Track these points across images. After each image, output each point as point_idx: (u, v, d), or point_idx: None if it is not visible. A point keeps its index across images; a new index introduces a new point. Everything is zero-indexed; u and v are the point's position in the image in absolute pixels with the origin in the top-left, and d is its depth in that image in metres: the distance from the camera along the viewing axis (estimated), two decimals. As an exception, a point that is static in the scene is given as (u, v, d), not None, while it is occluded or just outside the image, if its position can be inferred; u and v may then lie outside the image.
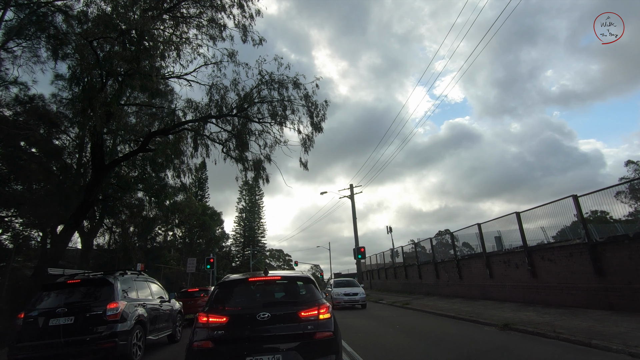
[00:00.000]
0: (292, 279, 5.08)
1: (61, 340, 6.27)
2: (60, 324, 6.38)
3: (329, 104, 14.87)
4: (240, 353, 4.00)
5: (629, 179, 24.82)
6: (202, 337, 4.12)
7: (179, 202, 23.58)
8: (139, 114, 15.26)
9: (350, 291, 17.36)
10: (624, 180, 24.91)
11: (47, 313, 6.52)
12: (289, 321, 4.28)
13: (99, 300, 6.79)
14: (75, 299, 6.86)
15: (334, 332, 4.33)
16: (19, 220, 12.94)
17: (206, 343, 4.07)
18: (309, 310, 4.38)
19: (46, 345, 6.25)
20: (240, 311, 4.42)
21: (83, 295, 7.00)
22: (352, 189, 29.92)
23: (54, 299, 6.86)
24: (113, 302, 6.73)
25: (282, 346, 4.06)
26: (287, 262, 72.83)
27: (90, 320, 6.51)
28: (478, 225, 15.57)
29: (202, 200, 47.78)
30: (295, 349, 4.04)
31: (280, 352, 4.02)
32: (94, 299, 6.87)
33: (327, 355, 4.14)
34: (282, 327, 4.21)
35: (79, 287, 7.17)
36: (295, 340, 4.11)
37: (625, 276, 8.83)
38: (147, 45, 12.67)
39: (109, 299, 6.79)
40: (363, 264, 34.46)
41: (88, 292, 7.08)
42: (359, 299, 16.98)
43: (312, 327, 4.24)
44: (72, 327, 6.36)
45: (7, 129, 11.47)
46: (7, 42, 12.38)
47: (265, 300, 4.78)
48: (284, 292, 5.08)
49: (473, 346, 6.96)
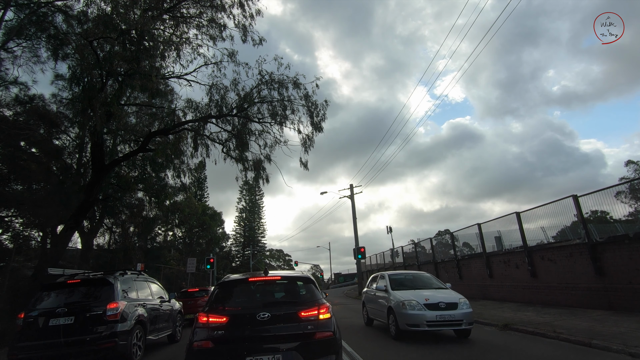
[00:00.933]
0: (292, 279, 5.05)
1: (61, 340, 6.25)
2: (60, 324, 6.38)
3: (329, 104, 14.86)
4: (240, 353, 3.97)
5: (629, 179, 24.81)
6: (202, 337, 4.09)
7: (179, 202, 23.57)
8: (139, 114, 15.26)
9: (437, 298, 7.76)
10: (624, 180, 24.92)
11: (47, 313, 6.51)
12: (289, 321, 4.24)
13: (99, 300, 6.78)
14: (75, 299, 6.85)
15: (334, 332, 4.29)
16: (19, 220, 12.94)
17: (206, 343, 4.05)
18: (309, 310, 4.35)
19: (46, 345, 6.24)
20: (240, 311, 4.39)
21: (83, 295, 6.99)
22: (352, 189, 29.91)
23: (54, 299, 6.85)
24: (113, 302, 6.73)
25: (282, 346, 4.03)
26: (287, 262, 72.82)
27: (90, 320, 6.50)
28: (478, 225, 15.57)
29: (202, 200, 47.78)
30: (295, 349, 4.02)
31: (280, 352, 3.99)
32: (94, 299, 6.86)
33: (328, 355, 4.12)
34: (282, 327, 4.18)
35: (79, 287, 7.16)
36: (296, 340, 4.08)
37: (625, 276, 8.84)
38: (147, 45, 12.67)
39: (109, 299, 6.79)
40: (363, 264, 34.44)
41: (88, 292, 7.08)
42: (459, 317, 7.45)
43: (312, 327, 4.21)
44: (72, 327, 6.35)
45: (7, 129, 11.48)
46: (7, 42, 12.38)
47: (265, 300, 4.73)
48: (284, 292, 5.04)
49: (473, 346, 6.96)
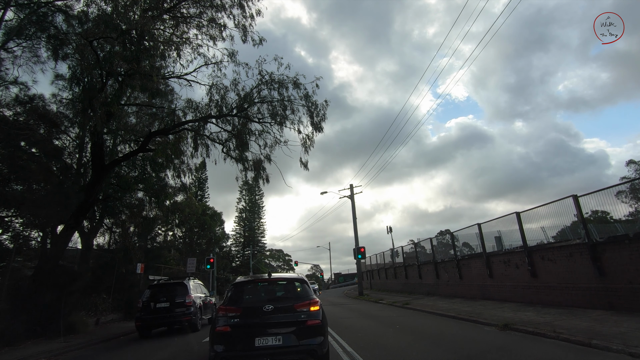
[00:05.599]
0: (290, 280, 6.23)
1: (163, 315, 11.43)
2: (162, 306, 11.51)
3: (329, 104, 14.83)
4: (250, 335, 5.19)
5: (630, 179, 24.79)
6: (222, 324, 5.33)
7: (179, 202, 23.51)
8: (139, 114, 15.23)
9: None
10: (624, 180, 24.90)
11: (154, 300, 11.58)
12: (287, 312, 5.46)
13: (180, 294, 11.78)
14: (168, 293, 11.80)
15: (321, 320, 5.54)
16: (19, 220, 12.89)
17: (225, 328, 5.29)
18: (303, 304, 5.59)
19: (155, 317, 11.41)
20: (250, 304, 5.68)
21: (171, 291, 11.86)
22: (352, 189, 29.91)
23: (155, 293, 11.79)
24: (188, 295, 11.83)
25: (282, 330, 5.26)
26: (287, 262, 72.79)
27: (177, 304, 11.58)
28: (478, 225, 15.55)
29: (202, 200, 47.73)
30: (292, 333, 5.27)
31: (280, 334, 5.23)
32: (178, 293, 11.80)
33: (316, 337, 5.37)
34: (282, 316, 5.39)
35: (168, 286, 12.13)
36: (292, 326, 5.31)
37: (625, 276, 8.83)
38: (147, 45, 12.66)
39: (186, 293, 11.85)
40: (363, 264, 34.45)
41: (174, 289, 11.95)
42: None
43: (304, 316, 5.44)
44: (168, 308, 11.50)
45: (7, 129, 11.46)
46: (7, 42, 12.35)
47: (269, 296, 5.92)
48: (284, 290, 6.14)
49: (473, 346, 6.96)
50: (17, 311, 10.31)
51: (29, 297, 10.90)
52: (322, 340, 5.43)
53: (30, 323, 10.50)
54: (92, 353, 9.27)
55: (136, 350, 9.10)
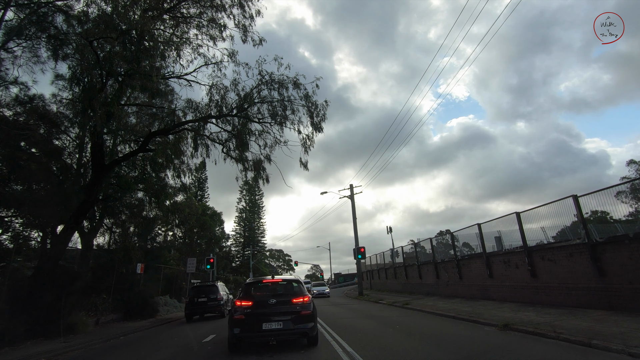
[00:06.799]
0: (289, 280, 8.26)
1: (203, 306, 16.35)
2: (202, 300, 16.30)
3: (329, 104, 14.85)
4: (259, 321, 7.00)
5: (630, 179, 24.77)
6: (238, 313, 7.18)
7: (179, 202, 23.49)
8: (139, 114, 15.23)
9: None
10: (624, 180, 24.89)
11: (197, 296, 16.39)
12: (286, 305, 7.29)
13: (214, 292, 16.67)
14: (205, 291, 16.65)
15: (312, 311, 7.35)
16: (19, 220, 12.89)
17: (240, 316, 7.12)
18: (298, 298, 7.43)
19: (198, 308, 16.29)
20: (258, 298, 7.45)
21: (206, 290, 16.70)
22: (352, 189, 29.91)
23: (196, 291, 16.63)
24: (219, 293, 16.80)
25: (282, 318, 7.08)
26: (287, 262, 72.81)
27: (212, 299, 16.42)
28: (478, 225, 15.55)
29: (202, 200, 47.71)
30: (289, 320, 7.08)
31: (281, 321, 7.04)
32: (211, 291, 16.71)
33: (308, 323, 7.18)
34: (282, 307, 7.21)
35: (205, 287, 16.99)
36: (290, 315, 7.12)
37: (625, 276, 8.83)
38: (147, 45, 12.66)
39: (217, 292, 16.78)
40: (363, 264, 34.44)
41: (209, 289, 16.84)
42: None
43: (299, 307, 7.24)
44: (206, 303, 16.33)
45: (7, 129, 11.45)
46: (7, 42, 12.34)
47: (272, 292, 7.85)
48: (284, 288, 8.06)
49: (473, 346, 6.95)
50: (17, 311, 10.30)
51: (29, 297, 10.89)
52: (312, 325, 7.24)
53: (30, 323, 10.48)
54: (92, 353, 9.27)
55: (136, 350, 9.11)
